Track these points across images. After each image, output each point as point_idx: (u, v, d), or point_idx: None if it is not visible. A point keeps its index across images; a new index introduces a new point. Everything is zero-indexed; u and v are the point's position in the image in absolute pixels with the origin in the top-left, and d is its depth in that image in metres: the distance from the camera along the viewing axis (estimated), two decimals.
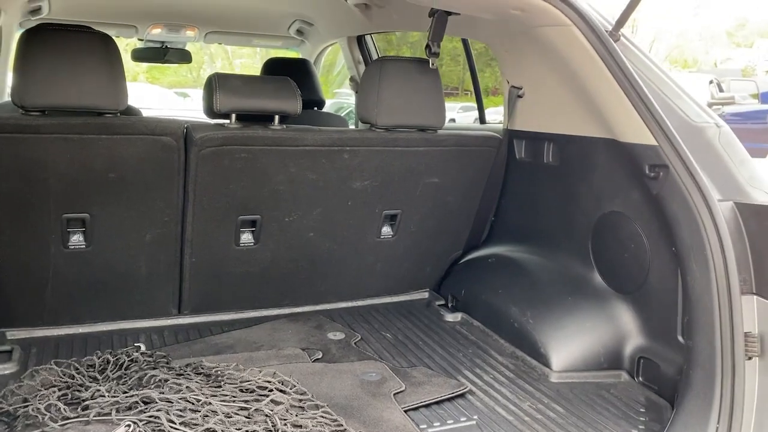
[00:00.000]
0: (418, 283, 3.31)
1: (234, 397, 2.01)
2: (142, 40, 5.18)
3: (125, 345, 2.58)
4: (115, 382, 2.13)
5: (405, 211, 3.00)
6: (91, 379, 2.15)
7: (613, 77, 2.18)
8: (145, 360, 2.31)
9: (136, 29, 4.78)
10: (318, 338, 2.72)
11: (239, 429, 1.84)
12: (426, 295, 3.30)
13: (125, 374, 2.20)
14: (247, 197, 2.67)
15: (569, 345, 2.55)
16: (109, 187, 2.48)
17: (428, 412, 2.19)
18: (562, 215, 2.83)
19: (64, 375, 2.13)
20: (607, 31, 2.25)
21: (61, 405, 1.91)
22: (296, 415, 1.96)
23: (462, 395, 2.31)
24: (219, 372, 2.18)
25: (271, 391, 2.05)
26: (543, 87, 2.76)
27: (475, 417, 2.17)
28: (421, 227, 3.09)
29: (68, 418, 1.87)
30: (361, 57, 4.57)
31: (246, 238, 2.77)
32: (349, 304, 3.12)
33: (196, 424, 1.83)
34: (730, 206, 2.00)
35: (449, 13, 2.63)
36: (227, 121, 2.59)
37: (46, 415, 1.86)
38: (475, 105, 4.14)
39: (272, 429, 1.86)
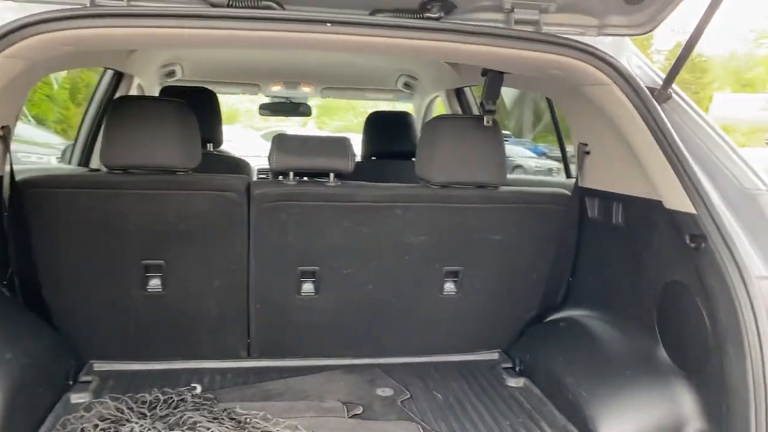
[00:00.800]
0: (489, 343, 3.21)
1: None
2: (268, 96, 5.65)
3: (194, 381, 2.79)
4: (159, 419, 2.31)
5: (468, 269, 2.96)
6: (140, 415, 2.35)
7: (654, 139, 2.04)
8: (192, 401, 2.48)
9: (258, 87, 5.22)
10: (366, 393, 2.74)
11: None
12: (496, 356, 3.19)
13: (171, 413, 2.38)
14: (305, 250, 2.80)
15: (621, 423, 2.34)
16: (181, 237, 2.73)
17: None
18: (630, 281, 2.63)
19: (117, 410, 2.35)
20: (655, 89, 2.12)
21: None
22: None
23: None
24: (247, 420, 2.28)
25: None
26: (605, 144, 2.62)
27: None
28: (487, 286, 3.03)
29: None
30: (459, 108, 4.60)
31: (307, 288, 2.90)
32: (411, 359, 3.11)
33: None
34: None
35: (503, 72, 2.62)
36: (287, 178, 2.76)
37: None
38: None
39: None
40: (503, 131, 2.96)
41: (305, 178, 2.86)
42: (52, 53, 2.03)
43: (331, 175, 2.76)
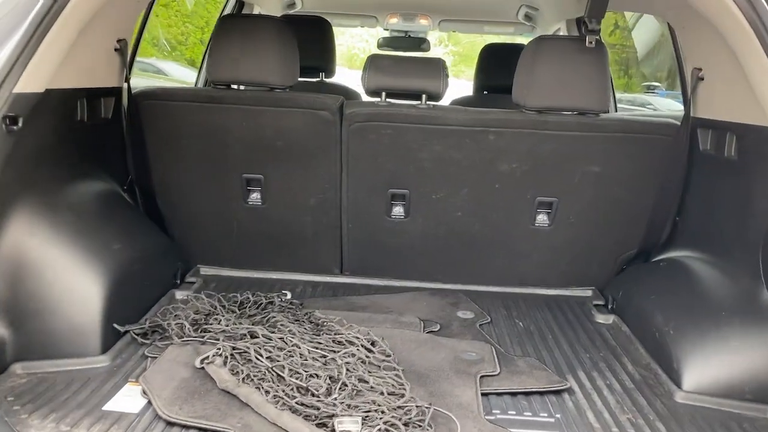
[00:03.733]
0: (582, 279, 3.11)
1: (323, 345, 2.21)
2: (387, 29, 5.66)
3: (287, 289, 2.95)
4: (247, 317, 2.49)
5: (562, 200, 2.86)
6: (230, 312, 2.54)
7: None
8: (280, 304, 2.64)
9: (376, 19, 5.23)
10: (446, 313, 2.77)
11: (307, 370, 2.03)
12: (589, 293, 3.08)
13: (259, 313, 2.56)
14: (395, 172, 2.83)
15: (709, 365, 2.20)
16: (278, 153, 2.86)
17: (510, 400, 2.12)
18: (738, 220, 2.42)
19: (210, 305, 2.56)
20: None
21: (187, 325, 2.33)
22: (367, 372, 2.08)
23: (557, 392, 2.18)
24: (324, 323, 2.40)
25: (355, 345, 2.21)
26: (720, 68, 2.39)
27: (558, 415, 2.04)
28: (582, 219, 2.91)
29: (189, 337, 2.29)
30: None
31: (397, 211, 2.94)
32: (499, 288, 3.08)
33: (274, 360, 2.08)
34: None
35: None
36: (379, 99, 2.78)
37: (173, 331, 2.30)
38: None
39: (337, 376, 2.01)
40: (653, 82, 2.78)
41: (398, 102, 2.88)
42: None
43: (424, 97, 2.75)
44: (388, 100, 2.80)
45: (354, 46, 21.23)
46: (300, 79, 4.46)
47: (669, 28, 3.19)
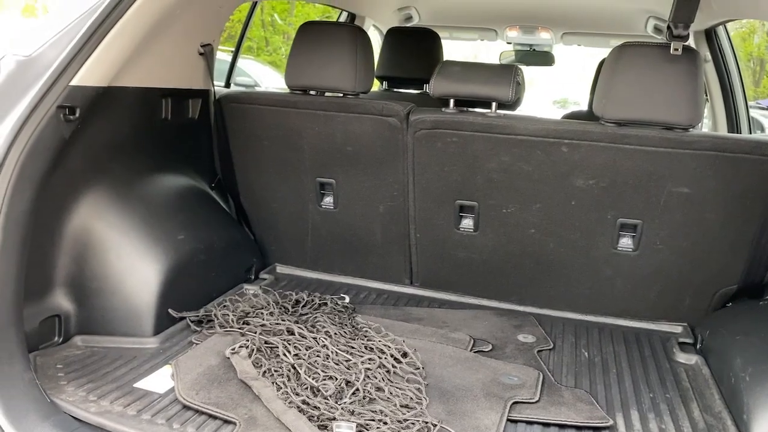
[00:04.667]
0: (673, 313, 2.78)
1: (354, 350, 2.18)
2: (510, 43, 5.53)
3: (352, 294, 2.97)
4: (296, 315, 2.53)
5: (647, 223, 2.60)
6: (282, 309, 2.59)
7: None
8: (331, 307, 2.65)
9: (495, 32, 5.13)
10: (505, 335, 2.61)
11: (326, 371, 2.01)
12: (679, 329, 2.74)
13: (308, 312, 2.58)
14: (463, 182, 2.74)
15: None
16: (348, 158, 2.88)
17: (539, 431, 1.95)
18: None
19: (265, 300, 2.63)
20: None
21: (232, 317, 2.41)
22: (388, 381, 2.02)
23: (597, 429, 1.97)
24: (362, 327, 2.37)
25: (384, 354, 2.15)
26: None
27: None
28: (672, 246, 2.62)
29: (232, 328, 2.36)
30: (709, 54, 3.94)
31: (466, 223, 2.84)
32: (576, 316, 2.85)
33: (300, 357, 2.09)
34: None
35: None
36: (447, 106, 2.71)
37: (218, 321, 2.39)
38: None
39: (353, 381, 1.97)
40: None
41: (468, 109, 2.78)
42: None
43: (494, 105, 2.64)
44: (459, 108, 2.72)
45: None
46: (403, 90, 4.53)
47: None
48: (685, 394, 2.24)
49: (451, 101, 2.70)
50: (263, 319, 2.38)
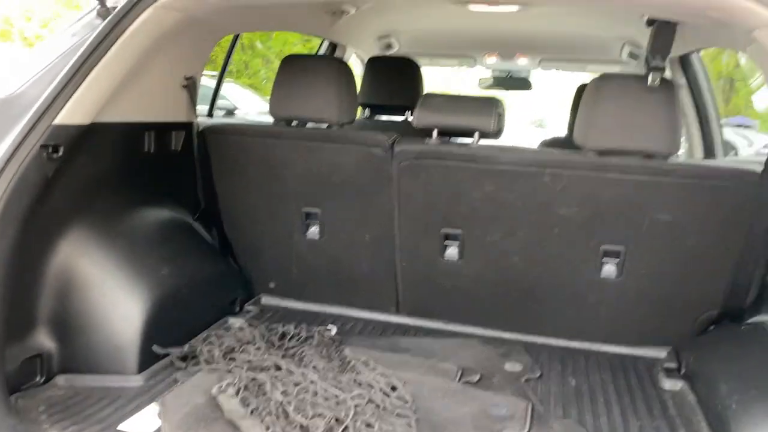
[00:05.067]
0: (656, 338, 2.81)
1: (342, 384, 2.17)
2: (488, 68, 5.60)
3: (339, 325, 2.95)
4: (278, 349, 2.51)
5: (630, 249, 2.63)
6: (269, 343, 2.57)
7: None
8: (319, 338, 2.63)
9: (474, 59, 5.20)
10: (492, 364, 2.61)
11: (315, 408, 1.99)
12: (663, 354, 2.77)
13: (295, 345, 2.56)
14: (447, 211, 2.75)
15: None
16: (334, 188, 2.89)
17: None
18: None
19: (251, 335, 2.60)
20: None
21: (218, 353, 2.38)
22: (377, 417, 2.00)
23: None
24: (350, 361, 2.35)
25: (373, 388, 2.14)
26: None
27: None
28: (655, 272, 2.66)
29: (217, 364, 2.33)
30: (685, 80, 4.03)
31: (451, 252, 2.85)
32: (561, 342, 2.86)
33: (288, 394, 2.07)
34: None
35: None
36: (430, 137, 2.73)
37: (204, 357, 2.36)
38: None
39: (342, 418, 1.95)
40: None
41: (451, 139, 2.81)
42: (206, 7, 2.29)
43: (476, 135, 2.66)
44: (442, 137, 2.74)
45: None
46: (385, 118, 4.56)
47: None
48: (672, 422, 2.25)
49: (434, 132, 2.72)
50: (250, 355, 2.36)
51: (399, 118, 4.45)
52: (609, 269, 2.70)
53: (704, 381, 2.37)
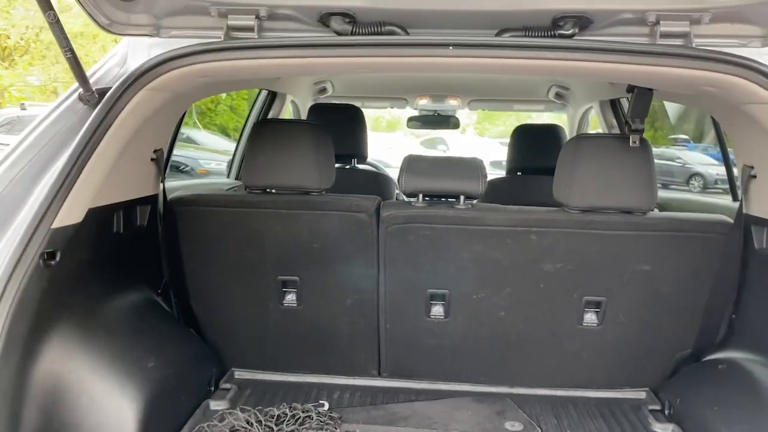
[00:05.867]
0: (635, 380, 2.94)
1: None
2: (416, 109, 5.68)
3: (324, 397, 2.84)
4: None
5: (611, 299, 2.73)
6: (267, 429, 2.43)
7: None
8: (318, 419, 2.52)
9: (406, 101, 5.26)
10: (494, 425, 2.62)
11: None
12: (643, 395, 2.90)
13: (297, 429, 2.44)
14: (434, 272, 2.74)
15: None
16: (315, 255, 2.80)
17: None
18: None
19: (247, 422, 2.45)
20: None
21: None
22: None
23: None
24: None
25: None
26: None
27: None
28: (633, 318, 2.78)
29: None
30: (615, 121, 4.29)
31: (436, 310, 2.84)
32: (546, 391, 2.93)
33: None
34: None
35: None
36: (415, 199, 2.72)
37: None
38: None
39: None
40: (681, 135, 2.70)
41: (436, 199, 2.81)
42: (192, 85, 2.17)
43: (462, 198, 2.68)
44: (426, 198, 2.74)
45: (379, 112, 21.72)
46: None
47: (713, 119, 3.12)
48: None
49: (420, 195, 2.71)
50: None
51: (346, 166, 4.40)
52: (590, 318, 2.79)
53: (693, 422, 2.50)
